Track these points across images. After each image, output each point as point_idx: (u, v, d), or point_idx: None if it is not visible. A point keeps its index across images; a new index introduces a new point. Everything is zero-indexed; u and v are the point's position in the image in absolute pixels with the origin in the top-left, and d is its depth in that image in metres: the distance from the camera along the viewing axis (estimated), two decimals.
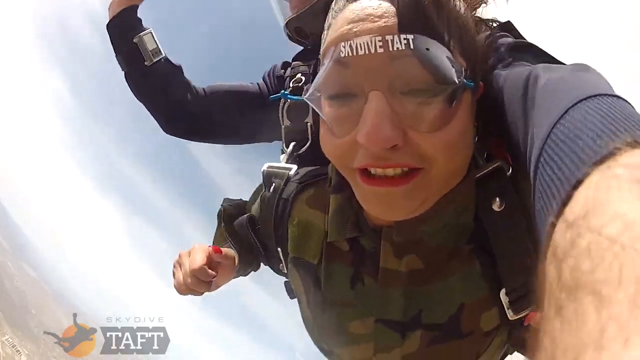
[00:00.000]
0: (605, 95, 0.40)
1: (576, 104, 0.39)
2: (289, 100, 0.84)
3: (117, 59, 1.05)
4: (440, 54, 0.46)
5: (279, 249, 0.73)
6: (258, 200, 0.77)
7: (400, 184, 0.48)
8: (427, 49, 0.46)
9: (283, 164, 0.75)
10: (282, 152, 0.86)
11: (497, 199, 0.56)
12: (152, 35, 1.05)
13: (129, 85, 1.08)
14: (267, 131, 1.06)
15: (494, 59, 0.60)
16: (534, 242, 0.55)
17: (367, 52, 0.45)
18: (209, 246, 0.78)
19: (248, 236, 0.79)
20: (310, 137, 0.83)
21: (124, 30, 1.02)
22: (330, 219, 0.64)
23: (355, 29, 0.47)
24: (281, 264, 0.75)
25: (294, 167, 0.73)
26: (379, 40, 0.45)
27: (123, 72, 1.07)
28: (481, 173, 0.57)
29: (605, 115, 0.36)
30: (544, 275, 0.26)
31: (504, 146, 0.59)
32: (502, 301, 0.58)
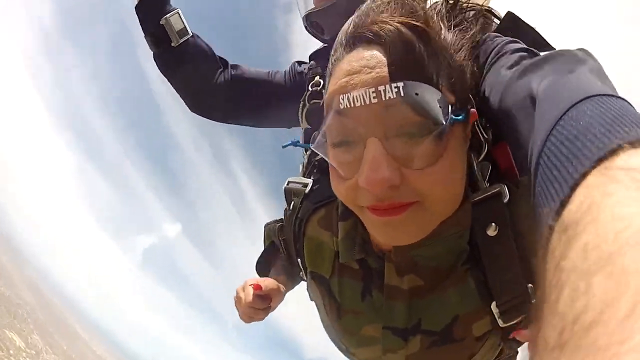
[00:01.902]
0: (604, 95, 0.40)
1: (574, 105, 0.39)
2: (308, 105, 0.88)
3: (146, 40, 1.06)
4: (429, 96, 0.51)
5: (298, 260, 0.80)
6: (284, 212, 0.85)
7: (397, 214, 0.55)
8: (416, 94, 0.51)
9: (301, 179, 0.81)
10: (303, 156, 0.89)
11: (493, 224, 0.60)
12: (180, 16, 1.05)
13: (157, 65, 1.10)
14: (286, 120, 1.11)
15: (496, 60, 0.62)
16: (524, 260, 0.59)
17: (362, 103, 0.51)
18: (256, 282, 0.87)
19: (279, 244, 0.89)
20: None
21: (151, 12, 1.03)
22: (340, 243, 0.71)
23: (352, 82, 0.53)
24: (301, 272, 0.82)
25: (310, 182, 0.80)
26: (373, 92, 0.50)
27: (152, 53, 1.09)
28: (479, 197, 0.60)
29: (603, 116, 0.35)
30: (543, 276, 0.26)
31: (508, 153, 0.62)
32: (493, 312, 0.63)
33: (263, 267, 1.03)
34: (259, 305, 0.85)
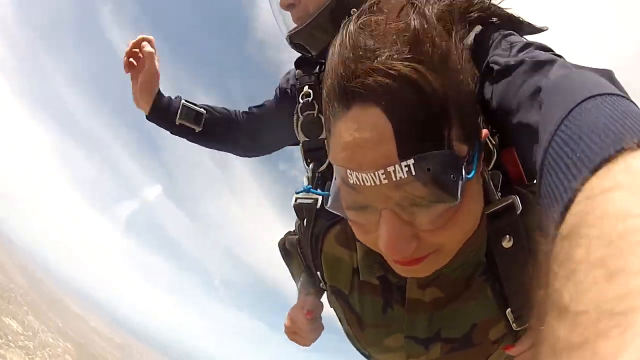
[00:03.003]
0: (609, 94, 0.39)
1: (579, 104, 0.38)
2: (301, 117, 0.86)
3: (174, 134, 1.12)
4: (441, 169, 0.47)
5: (317, 273, 0.82)
6: (297, 226, 0.87)
7: (418, 263, 0.55)
8: (428, 169, 0.47)
9: (309, 195, 0.79)
10: (306, 169, 0.88)
11: (507, 236, 0.61)
12: (187, 106, 1.10)
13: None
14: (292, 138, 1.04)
15: (501, 64, 0.59)
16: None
17: (372, 184, 0.48)
18: (305, 311, 0.86)
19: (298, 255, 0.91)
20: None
21: (163, 120, 1.10)
22: (360, 260, 0.72)
23: (357, 157, 0.49)
24: (321, 284, 0.84)
25: (319, 198, 0.79)
26: (382, 174, 0.47)
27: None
28: (493, 210, 0.61)
29: (608, 116, 0.35)
30: (546, 278, 0.26)
31: (516, 158, 0.63)
32: (508, 317, 0.66)
33: (288, 261, 1.02)
34: (314, 331, 0.87)
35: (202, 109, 1.13)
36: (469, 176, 0.50)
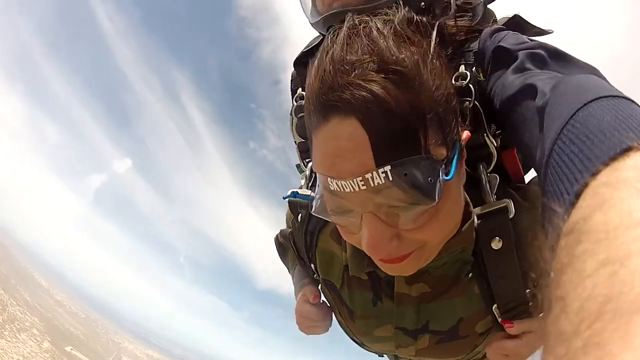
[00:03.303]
0: (614, 96, 0.40)
1: (585, 105, 0.39)
2: (295, 118, 0.83)
3: None
4: (418, 172, 0.48)
5: (311, 265, 0.84)
6: (291, 221, 0.87)
7: (401, 260, 0.56)
8: (405, 174, 0.48)
9: (304, 191, 0.79)
10: (299, 169, 0.87)
11: (497, 238, 0.62)
12: None
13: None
14: None
15: (500, 63, 0.61)
16: (524, 268, 0.62)
17: (352, 190, 0.50)
18: (313, 297, 0.85)
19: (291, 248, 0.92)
20: None
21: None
22: (349, 257, 0.74)
23: (336, 167, 0.50)
24: (315, 275, 0.86)
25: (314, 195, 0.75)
26: (360, 180, 0.48)
27: None
28: (485, 211, 0.62)
29: (613, 116, 0.35)
30: (552, 272, 0.26)
31: (517, 159, 0.66)
32: (495, 312, 0.68)
33: (282, 254, 1.05)
34: (326, 315, 0.87)
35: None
36: (447, 177, 0.51)
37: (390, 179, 0.48)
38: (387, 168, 0.48)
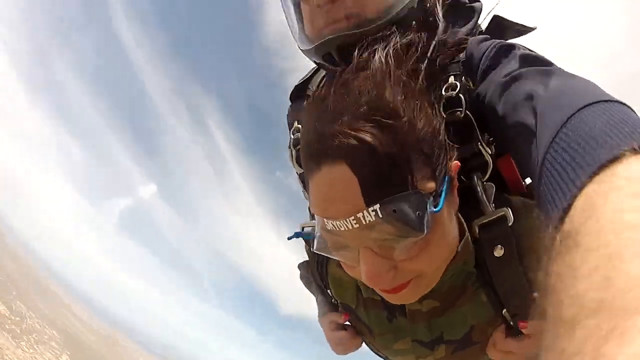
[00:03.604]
0: (606, 101, 0.40)
1: (578, 111, 0.40)
2: (294, 150, 0.85)
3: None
4: (406, 207, 0.52)
5: (328, 291, 0.90)
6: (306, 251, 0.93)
7: (400, 290, 0.60)
8: (394, 210, 0.52)
9: (308, 227, 0.81)
10: (306, 197, 0.88)
11: (499, 246, 0.64)
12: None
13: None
14: None
15: (491, 70, 0.64)
16: (528, 271, 0.64)
17: (346, 229, 0.54)
18: (342, 318, 0.88)
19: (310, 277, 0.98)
20: None
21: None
22: (360, 282, 0.74)
23: (330, 210, 0.54)
24: (332, 300, 0.91)
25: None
26: (353, 219, 0.53)
27: None
28: (485, 222, 0.64)
29: (605, 122, 0.36)
30: (546, 280, 0.27)
31: (513, 165, 0.67)
32: (505, 317, 0.70)
33: (307, 283, 1.08)
34: (355, 335, 0.90)
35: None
36: (436, 209, 0.54)
37: (380, 216, 0.52)
38: (377, 207, 0.52)
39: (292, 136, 0.88)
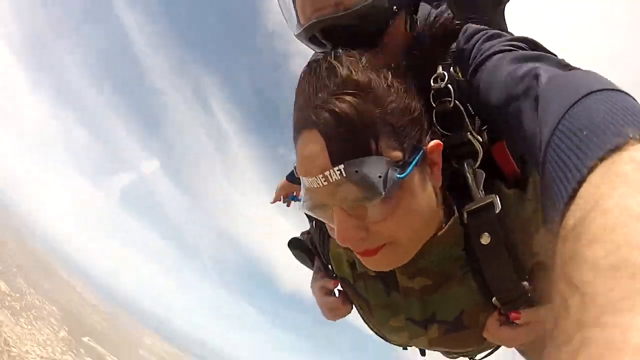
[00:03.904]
0: (609, 89, 0.40)
1: (581, 98, 0.40)
2: None
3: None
4: (368, 170, 0.59)
5: (329, 266, 0.95)
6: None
7: (372, 254, 0.65)
8: (356, 171, 0.58)
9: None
10: None
11: (486, 234, 0.66)
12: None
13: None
14: None
15: (478, 56, 0.66)
16: (516, 259, 0.67)
17: (318, 186, 0.61)
18: (330, 284, 0.93)
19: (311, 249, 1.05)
20: None
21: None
22: (355, 257, 0.76)
23: (306, 168, 0.63)
24: (334, 275, 0.95)
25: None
26: (322, 177, 0.60)
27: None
28: (472, 209, 0.66)
29: (609, 110, 0.36)
30: (553, 269, 0.27)
31: (507, 152, 0.69)
32: (495, 304, 0.73)
33: (301, 255, 1.10)
34: (346, 300, 0.93)
35: None
36: (401, 176, 0.60)
37: (344, 175, 0.59)
38: (341, 167, 0.59)
39: None
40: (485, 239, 0.67)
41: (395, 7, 0.75)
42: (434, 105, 0.71)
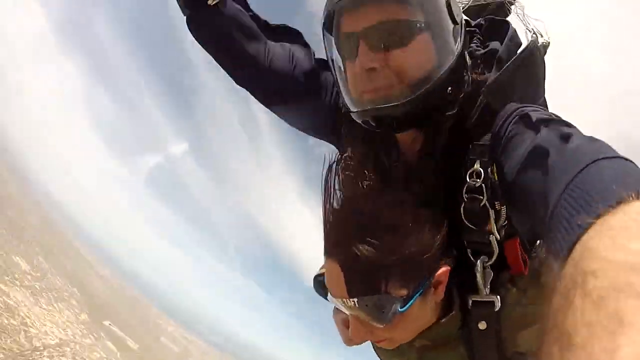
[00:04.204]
0: (611, 157, 0.47)
1: (586, 166, 0.46)
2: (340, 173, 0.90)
3: (178, 2, 0.98)
4: (376, 306, 0.77)
5: None
6: None
7: (378, 343, 0.84)
8: (366, 305, 0.78)
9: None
10: None
11: (484, 322, 0.80)
12: None
13: (190, 32, 1.02)
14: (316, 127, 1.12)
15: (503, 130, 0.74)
16: (500, 346, 0.81)
17: (338, 303, 0.86)
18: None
19: None
20: None
21: None
22: None
23: (329, 285, 0.85)
24: None
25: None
26: (340, 301, 0.83)
27: (185, 17, 1.01)
28: (476, 300, 0.79)
29: (611, 174, 0.42)
30: (551, 311, 0.31)
31: (517, 249, 0.80)
32: None
33: (320, 292, 1.27)
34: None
35: None
36: (402, 310, 0.75)
37: (357, 306, 0.76)
38: (355, 300, 0.76)
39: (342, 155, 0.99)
40: (482, 325, 0.82)
41: (452, 91, 0.79)
42: (465, 199, 0.78)
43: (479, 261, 0.78)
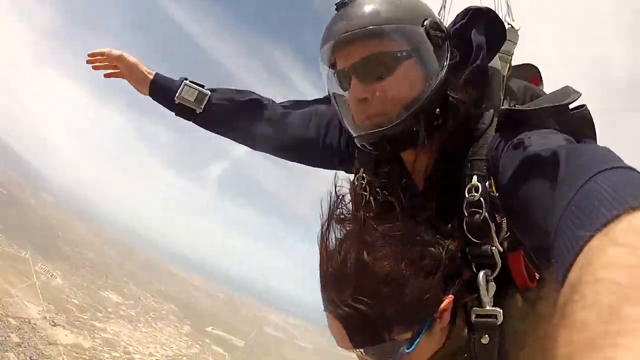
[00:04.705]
0: (613, 168, 0.45)
1: (589, 179, 0.44)
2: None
3: (177, 115, 1.23)
4: (382, 354, 0.76)
5: None
6: None
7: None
8: (373, 354, 0.76)
9: None
10: None
11: (486, 335, 0.78)
12: (189, 86, 1.16)
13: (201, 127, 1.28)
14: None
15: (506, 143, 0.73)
16: (504, 358, 0.78)
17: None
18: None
19: None
20: None
21: (163, 98, 1.20)
22: None
23: (334, 336, 0.79)
24: None
25: None
26: (346, 350, 0.79)
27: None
28: (479, 314, 0.77)
29: (613, 186, 0.41)
30: (551, 328, 0.30)
31: (521, 262, 0.80)
32: None
33: None
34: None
35: (206, 91, 1.18)
36: (408, 351, 0.74)
37: (364, 354, 0.75)
38: (361, 350, 0.75)
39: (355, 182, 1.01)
40: (485, 339, 0.79)
41: (439, 110, 0.84)
42: (466, 214, 0.78)
43: (481, 274, 0.78)
